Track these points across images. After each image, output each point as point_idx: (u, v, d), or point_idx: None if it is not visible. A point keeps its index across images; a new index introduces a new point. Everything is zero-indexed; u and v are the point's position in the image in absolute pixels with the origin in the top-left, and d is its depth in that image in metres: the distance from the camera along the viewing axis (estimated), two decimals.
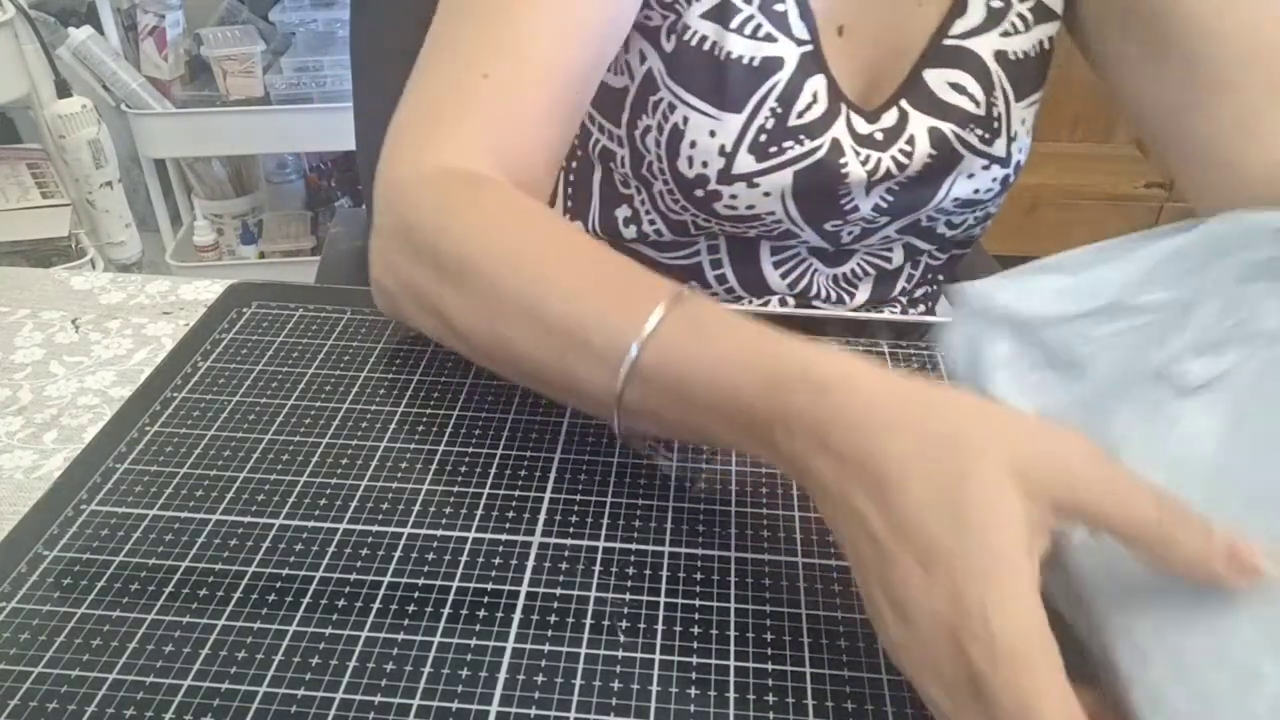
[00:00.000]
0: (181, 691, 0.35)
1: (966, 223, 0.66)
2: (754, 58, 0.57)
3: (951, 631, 0.30)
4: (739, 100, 0.58)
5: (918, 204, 0.62)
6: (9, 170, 1.64)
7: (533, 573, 0.40)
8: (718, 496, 0.44)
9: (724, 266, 0.66)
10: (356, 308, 0.57)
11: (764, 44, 0.57)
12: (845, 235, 0.64)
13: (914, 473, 0.32)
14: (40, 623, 0.38)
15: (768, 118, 0.58)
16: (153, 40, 1.70)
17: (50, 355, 0.54)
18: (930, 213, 0.63)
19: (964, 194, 0.63)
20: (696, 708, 0.35)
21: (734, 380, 0.37)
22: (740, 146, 0.58)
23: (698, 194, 0.60)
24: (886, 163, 0.60)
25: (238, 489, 0.44)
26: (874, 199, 0.62)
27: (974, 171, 0.62)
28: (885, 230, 0.64)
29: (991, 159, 0.62)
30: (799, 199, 0.60)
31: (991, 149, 0.61)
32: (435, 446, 0.47)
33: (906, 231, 0.65)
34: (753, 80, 0.58)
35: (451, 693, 0.35)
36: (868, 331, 0.57)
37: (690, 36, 0.58)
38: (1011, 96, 0.61)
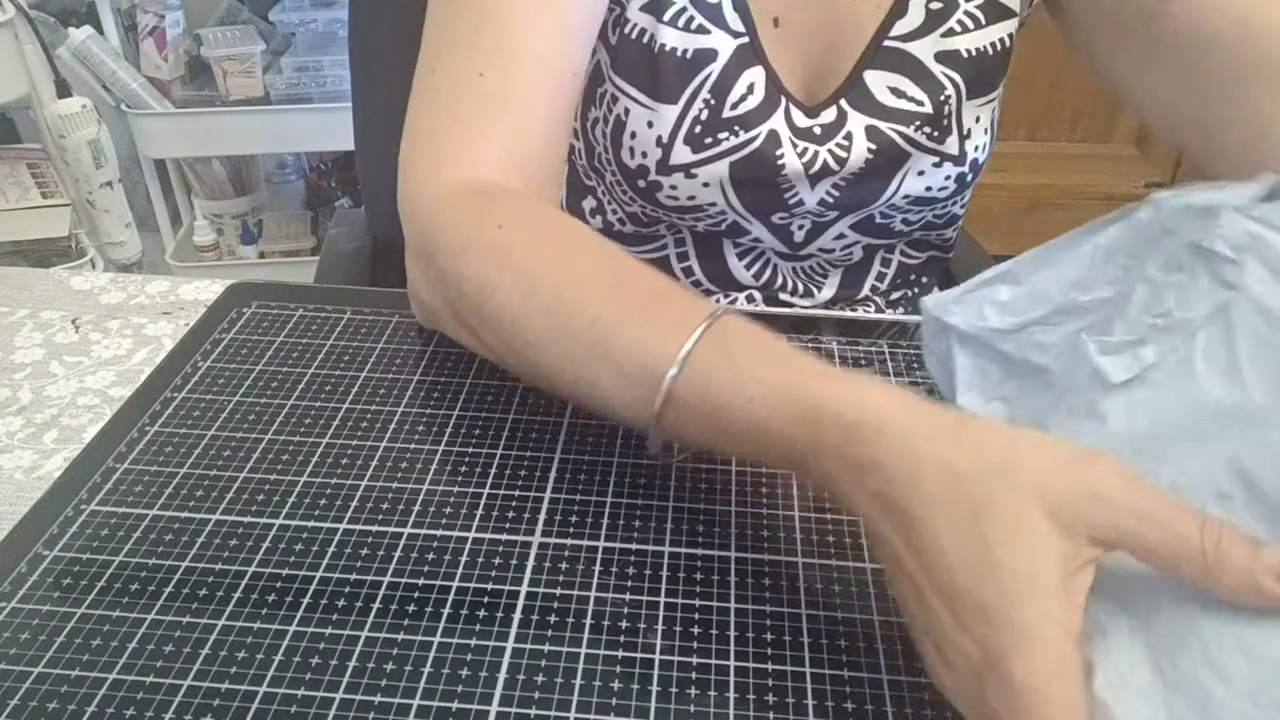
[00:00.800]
0: (181, 691, 0.35)
1: (925, 219, 0.66)
2: (686, 49, 0.58)
3: (978, 675, 0.30)
4: (673, 92, 0.59)
5: (866, 199, 0.62)
6: (9, 170, 1.64)
7: (533, 573, 0.40)
8: (718, 496, 0.44)
9: (690, 259, 0.67)
10: (356, 308, 0.57)
11: (696, 35, 0.58)
12: (797, 231, 0.64)
13: (940, 516, 0.31)
14: (40, 623, 0.38)
15: (701, 109, 0.59)
16: (153, 40, 1.70)
17: (50, 355, 0.54)
18: (882, 209, 0.63)
19: (915, 191, 0.62)
20: (696, 708, 0.35)
21: (768, 416, 0.37)
22: (676, 137, 0.59)
23: (640, 184, 0.61)
24: (824, 156, 0.60)
25: (238, 489, 0.44)
26: (819, 193, 0.62)
27: (924, 169, 0.62)
28: (837, 226, 0.64)
29: (943, 156, 0.61)
30: (739, 190, 0.61)
31: (942, 146, 0.61)
32: (435, 446, 0.47)
33: (860, 229, 0.65)
34: (686, 72, 0.58)
35: (451, 693, 0.35)
36: (869, 332, 0.57)
37: (630, 29, 0.59)
38: (964, 93, 0.61)
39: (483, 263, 0.46)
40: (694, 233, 0.65)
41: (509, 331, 0.45)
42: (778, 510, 0.43)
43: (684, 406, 0.39)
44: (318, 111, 1.67)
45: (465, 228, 0.48)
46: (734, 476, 0.45)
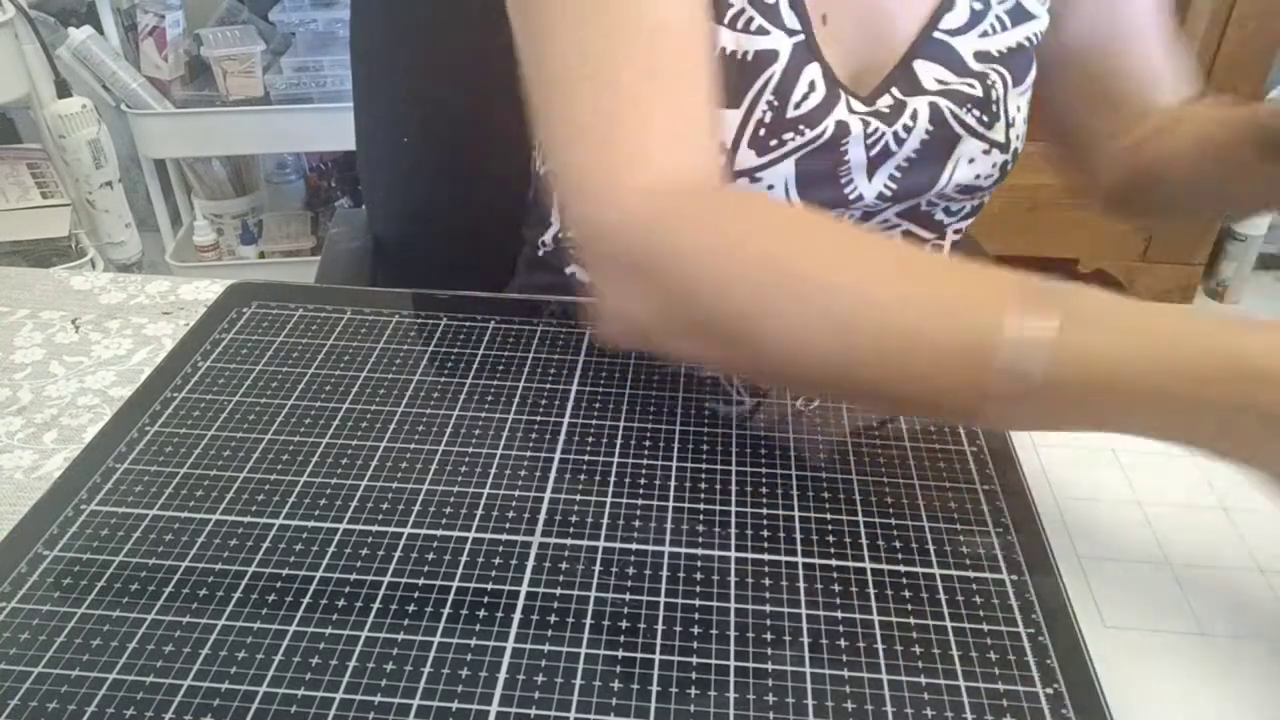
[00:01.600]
0: (181, 691, 0.35)
1: (964, 210, 0.67)
2: (747, 51, 0.57)
3: None
4: (734, 96, 0.58)
5: (921, 189, 0.63)
6: (9, 170, 1.64)
7: (533, 573, 0.40)
8: (718, 496, 0.44)
9: None
10: (356, 308, 0.57)
11: (756, 37, 0.57)
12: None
13: None
14: (40, 623, 0.38)
15: (765, 111, 0.58)
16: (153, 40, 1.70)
17: (50, 355, 0.54)
18: (931, 198, 0.64)
19: (966, 179, 0.63)
20: (696, 708, 0.35)
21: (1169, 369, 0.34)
22: (740, 142, 0.58)
23: None
24: (888, 137, 0.60)
25: (238, 489, 0.44)
26: (878, 185, 0.62)
27: (974, 156, 0.62)
28: (885, 214, 0.65)
29: (991, 143, 0.62)
30: (802, 189, 0.60)
31: (991, 133, 0.62)
32: (435, 446, 0.47)
33: (905, 217, 0.66)
34: (748, 74, 0.57)
35: (451, 693, 0.35)
36: None
37: None
38: (1010, 82, 0.62)
39: (732, 264, 0.41)
40: None
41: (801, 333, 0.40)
42: (778, 510, 0.43)
43: (1052, 383, 0.35)
44: (318, 111, 1.67)
45: (693, 231, 0.43)
46: (734, 477, 0.45)
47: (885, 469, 0.46)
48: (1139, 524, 0.44)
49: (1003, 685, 0.36)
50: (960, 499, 0.44)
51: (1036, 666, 0.37)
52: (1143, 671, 0.37)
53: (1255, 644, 0.38)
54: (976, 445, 0.47)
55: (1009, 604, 0.39)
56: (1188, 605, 0.40)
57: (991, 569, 0.41)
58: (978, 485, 0.45)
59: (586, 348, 0.54)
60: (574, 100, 0.47)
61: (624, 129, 0.46)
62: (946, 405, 0.39)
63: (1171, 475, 0.47)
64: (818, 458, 0.47)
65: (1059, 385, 0.35)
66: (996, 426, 0.38)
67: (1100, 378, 0.35)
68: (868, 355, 0.38)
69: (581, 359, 0.53)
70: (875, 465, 0.46)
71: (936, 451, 0.47)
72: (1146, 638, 0.38)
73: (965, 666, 0.37)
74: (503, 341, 0.54)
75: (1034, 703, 0.35)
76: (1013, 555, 0.41)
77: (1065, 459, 0.47)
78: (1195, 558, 0.42)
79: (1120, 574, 0.41)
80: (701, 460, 0.46)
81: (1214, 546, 0.43)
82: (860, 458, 0.47)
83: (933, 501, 0.44)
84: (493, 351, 0.54)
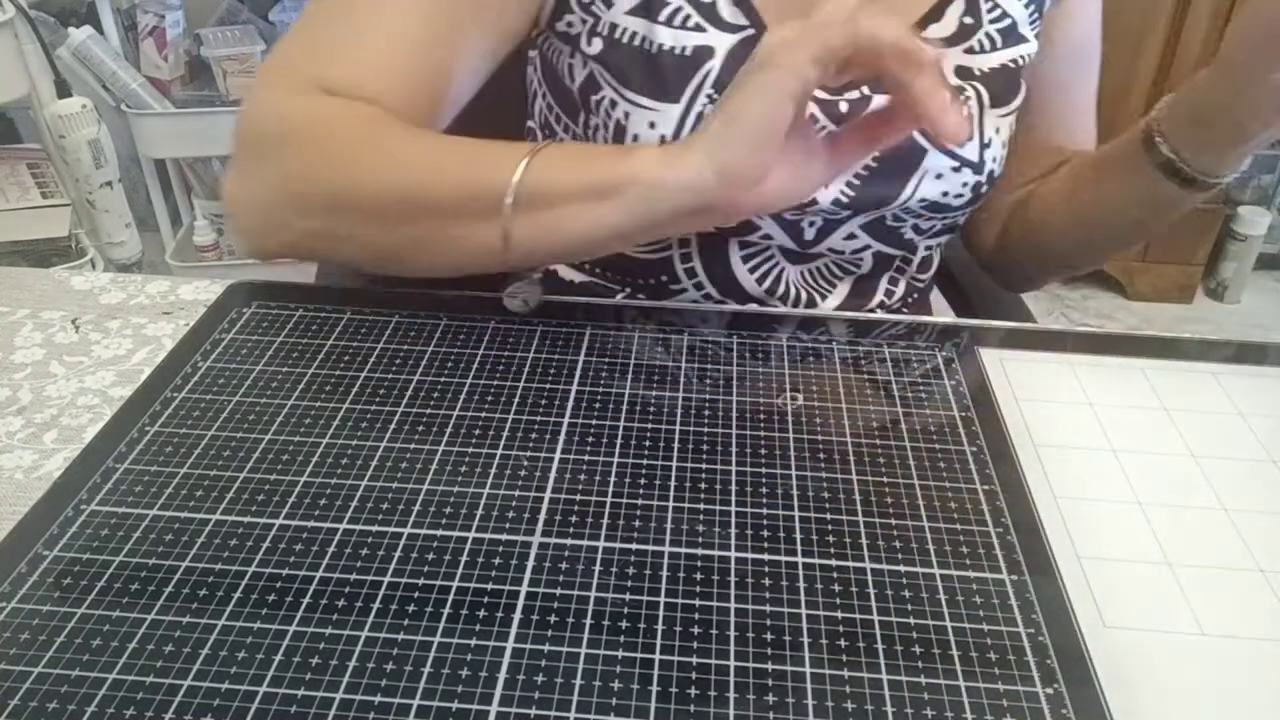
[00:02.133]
0: (181, 691, 0.35)
1: (935, 228, 0.66)
2: (684, 47, 0.59)
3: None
4: (674, 90, 0.59)
5: (883, 200, 0.62)
6: (9, 170, 1.64)
7: (533, 573, 0.40)
8: (718, 496, 0.44)
9: (694, 260, 0.67)
10: (356, 308, 0.57)
11: (693, 34, 0.59)
12: (808, 228, 0.64)
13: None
14: (40, 623, 0.38)
15: (705, 104, 0.59)
16: (153, 40, 1.70)
17: (50, 355, 0.54)
18: (896, 212, 0.63)
19: (932, 195, 0.62)
20: (696, 708, 0.35)
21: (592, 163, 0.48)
22: (680, 135, 0.59)
23: None
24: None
25: (238, 489, 0.44)
26: (834, 190, 0.62)
27: (942, 172, 0.62)
28: (849, 225, 0.64)
29: (962, 162, 0.62)
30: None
31: (962, 150, 0.61)
32: (435, 446, 0.47)
33: (871, 231, 0.65)
34: (686, 69, 0.59)
35: (451, 693, 0.35)
36: (872, 332, 0.57)
37: (620, 34, 0.59)
38: (986, 102, 0.62)
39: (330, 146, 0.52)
40: (699, 234, 0.65)
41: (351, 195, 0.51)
42: (778, 510, 0.43)
43: (532, 195, 0.48)
44: None
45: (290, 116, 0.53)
46: (734, 477, 0.45)
47: (885, 469, 0.46)
48: (1139, 524, 0.44)
49: (1003, 685, 0.36)
50: (960, 499, 0.44)
51: (1036, 666, 0.37)
52: (1143, 671, 0.37)
53: (1255, 644, 0.38)
54: (977, 445, 0.47)
55: (1009, 604, 0.39)
56: (1188, 605, 0.40)
57: (991, 569, 0.41)
58: (978, 485, 0.45)
59: (587, 348, 0.54)
60: (294, 31, 0.58)
61: (291, 44, 0.56)
62: (476, 237, 0.50)
63: (1171, 475, 0.47)
64: (818, 458, 0.47)
65: (532, 206, 0.48)
66: (517, 251, 0.49)
67: (553, 199, 0.48)
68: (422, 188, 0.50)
69: (581, 359, 0.53)
70: (875, 465, 0.46)
71: (936, 451, 0.47)
72: (1146, 638, 0.38)
73: (965, 666, 0.37)
74: (503, 341, 0.54)
75: (1034, 703, 0.35)
76: (1013, 555, 0.41)
77: (1065, 459, 0.47)
78: (1195, 558, 0.42)
79: (1120, 574, 0.41)
80: (701, 460, 0.46)
81: (1214, 546, 0.43)
82: (860, 458, 0.47)
83: (933, 501, 0.44)
84: (493, 351, 0.54)
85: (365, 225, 0.52)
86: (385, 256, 0.53)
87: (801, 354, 0.54)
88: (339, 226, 0.52)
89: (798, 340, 0.55)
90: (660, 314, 0.58)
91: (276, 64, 0.56)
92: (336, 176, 0.51)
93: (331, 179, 0.52)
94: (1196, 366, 0.54)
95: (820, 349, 0.55)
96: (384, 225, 0.51)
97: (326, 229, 0.53)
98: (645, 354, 0.54)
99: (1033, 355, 0.55)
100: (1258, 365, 0.55)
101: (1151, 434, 0.49)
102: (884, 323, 0.58)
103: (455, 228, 0.50)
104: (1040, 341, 0.56)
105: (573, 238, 0.49)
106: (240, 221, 0.55)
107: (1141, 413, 0.51)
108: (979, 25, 0.62)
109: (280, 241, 0.55)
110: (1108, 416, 0.50)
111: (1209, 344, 0.56)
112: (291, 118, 0.53)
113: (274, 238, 0.55)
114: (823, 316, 0.59)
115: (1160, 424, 0.50)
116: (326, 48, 0.55)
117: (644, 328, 0.56)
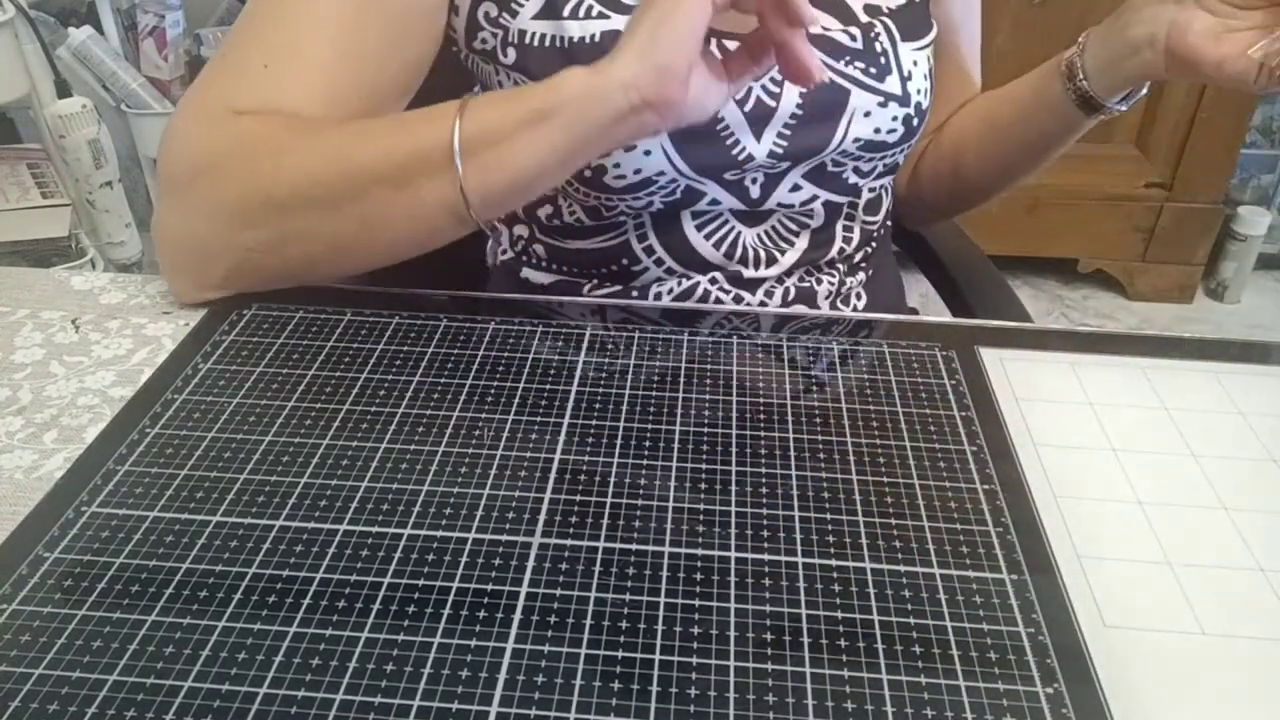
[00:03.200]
0: (182, 693, 0.35)
1: (876, 169, 0.68)
2: (593, 35, 0.60)
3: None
4: None
5: (817, 146, 0.64)
6: (9, 170, 1.64)
7: (533, 573, 0.40)
8: (718, 496, 0.44)
9: (650, 238, 0.67)
10: (356, 309, 0.57)
11: (598, 21, 0.60)
12: (751, 185, 0.65)
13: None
14: (41, 624, 0.38)
15: None
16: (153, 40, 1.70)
17: (50, 355, 0.54)
18: (835, 156, 0.65)
19: (864, 134, 0.64)
20: (696, 708, 0.35)
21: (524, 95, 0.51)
22: None
23: (586, 174, 0.62)
24: (757, 91, 0.62)
25: (238, 490, 0.44)
26: (767, 144, 0.63)
27: (870, 109, 0.63)
28: (790, 176, 0.65)
29: (886, 96, 0.64)
30: (683, 150, 0.61)
31: (883, 85, 0.63)
32: (435, 447, 0.47)
33: (814, 179, 0.66)
34: (598, 55, 0.59)
35: (451, 693, 0.35)
36: (872, 332, 0.57)
37: (530, 39, 0.61)
38: (897, 35, 0.64)
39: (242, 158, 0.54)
40: (654, 213, 0.66)
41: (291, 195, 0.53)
42: (778, 510, 0.43)
43: (475, 141, 0.50)
44: None
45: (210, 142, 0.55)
46: (734, 477, 0.45)
47: (885, 469, 0.46)
48: (1139, 524, 0.44)
49: (1003, 685, 0.36)
50: (960, 499, 0.44)
51: (1036, 666, 0.37)
52: (1143, 671, 0.37)
53: (1255, 644, 0.39)
54: (977, 445, 0.48)
55: (1009, 604, 0.39)
56: (1188, 605, 0.40)
57: (991, 569, 0.41)
58: (978, 485, 0.45)
59: (587, 348, 0.54)
60: (212, 66, 0.59)
61: (224, 93, 0.57)
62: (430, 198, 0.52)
63: (1171, 475, 0.47)
64: (818, 458, 0.47)
65: (478, 149, 0.50)
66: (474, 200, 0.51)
67: (497, 137, 0.50)
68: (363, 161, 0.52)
69: (581, 359, 0.53)
70: (875, 465, 0.46)
71: (936, 451, 0.47)
72: (1146, 638, 0.38)
73: (965, 666, 0.37)
74: (503, 342, 0.54)
75: (1034, 703, 0.35)
76: (1013, 555, 0.42)
77: (1065, 459, 0.47)
78: (1195, 558, 0.42)
79: (1120, 574, 0.41)
80: (701, 460, 0.46)
81: (1214, 546, 0.43)
82: (860, 458, 0.47)
83: (933, 501, 0.44)
84: (493, 352, 0.54)
85: (313, 214, 0.53)
86: (342, 246, 0.54)
87: (802, 353, 0.54)
88: (287, 224, 0.53)
89: (798, 339, 0.55)
90: (660, 314, 0.58)
91: (192, 97, 0.57)
92: (271, 180, 0.53)
93: (266, 184, 0.53)
94: (1196, 366, 0.54)
95: (820, 348, 0.55)
96: (332, 209, 0.52)
97: (275, 235, 0.54)
98: (645, 354, 0.54)
99: (1033, 355, 0.55)
100: (1258, 365, 0.55)
101: (1151, 434, 0.49)
102: (884, 323, 0.58)
103: (406, 194, 0.51)
104: (1040, 341, 0.56)
105: (524, 170, 0.51)
106: (176, 259, 0.57)
107: (1141, 413, 0.51)
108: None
109: (223, 270, 0.56)
110: (1108, 416, 0.50)
111: (1209, 344, 0.56)
112: (211, 144, 0.55)
113: (215, 267, 0.56)
114: (823, 316, 0.59)
115: (1160, 424, 0.50)
116: (239, 75, 0.57)
117: (643, 328, 0.56)
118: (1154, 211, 1.95)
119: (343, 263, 0.56)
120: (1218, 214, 1.97)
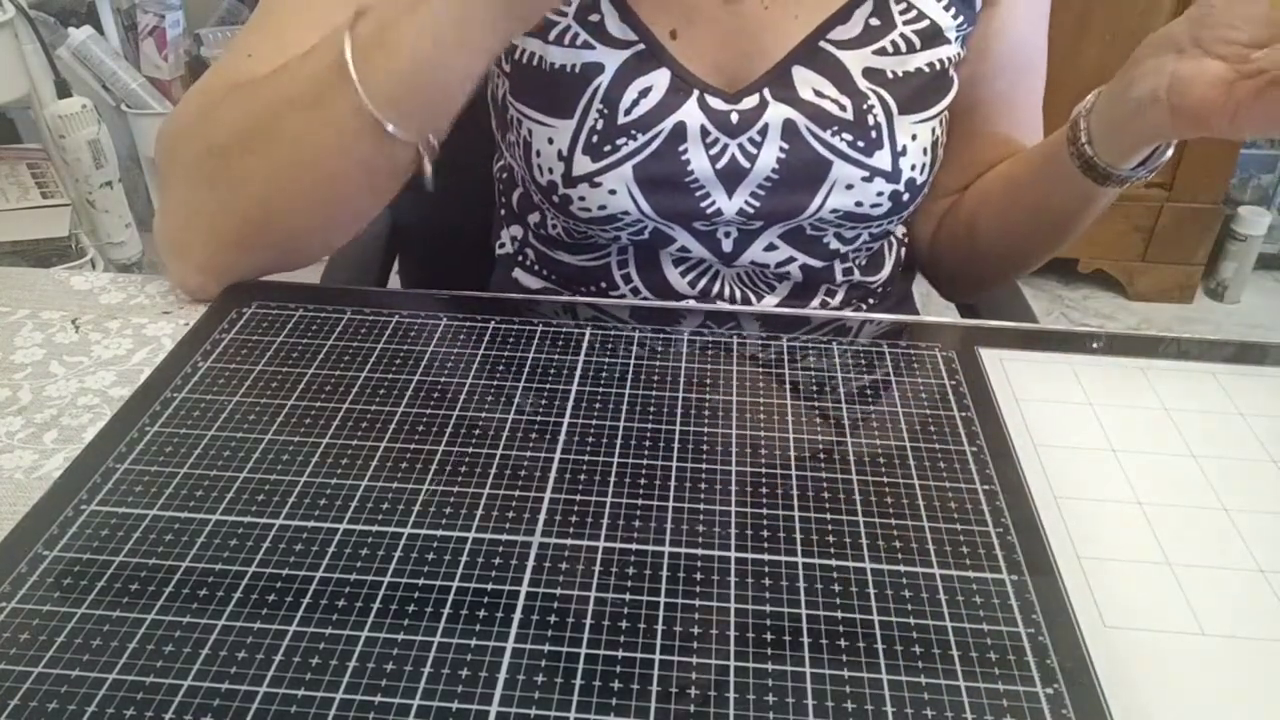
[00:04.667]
0: (181, 691, 0.35)
1: (861, 238, 0.65)
2: (575, 65, 0.60)
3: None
4: (567, 106, 0.60)
5: (792, 210, 0.62)
6: (9, 170, 1.64)
7: (533, 573, 0.40)
8: (718, 496, 0.44)
9: (629, 267, 0.67)
10: (356, 308, 0.57)
11: (582, 51, 0.60)
12: (724, 239, 0.64)
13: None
14: (40, 623, 0.38)
15: (596, 119, 0.60)
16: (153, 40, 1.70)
17: (50, 355, 0.54)
18: (812, 222, 0.63)
19: (844, 206, 0.62)
20: (696, 708, 0.35)
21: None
22: (575, 148, 0.61)
23: (554, 199, 0.62)
24: (733, 151, 0.60)
25: (238, 489, 0.44)
26: (738, 202, 0.62)
27: (852, 182, 0.61)
28: (766, 235, 0.64)
29: (873, 171, 0.61)
30: (648, 193, 0.61)
31: (870, 160, 0.61)
32: (435, 446, 0.47)
33: (791, 241, 0.65)
34: (577, 85, 0.60)
35: (451, 693, 0.35)
36: (873, 332, 0.57)
37: (522, 54, 0.61)
38: (894, 109, 0.61)
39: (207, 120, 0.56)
40: (633, 242, 0.66)
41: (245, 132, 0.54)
42: (778, 510, 0.43)
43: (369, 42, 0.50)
44: None
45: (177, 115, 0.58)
46: (734, 477, 0.45)
47: (885, 469, 0.46)
48: (1139, 524, 0.44)
49: (1003, 685, 0.36)
50: (960, 499, 0.44)
51: (1036, 666, 0.37)
52: (1143, 671, 0.37)
53: (1255, 644, 0.38)
54: (977, 445, 0.48)
55: (1009, 604, 0.39)
56: (1188, 605, 0.40)
57: (991, 569, 0.41)
58: (977, 485, 0.45)
59: (587, 348, 0.54)
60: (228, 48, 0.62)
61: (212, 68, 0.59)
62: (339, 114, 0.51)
63: (1171, 475, 0.47)
64: (818, 458, 0.47)
65: (369, 52, 0.50)
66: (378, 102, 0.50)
67: (381, 34, 0.50)
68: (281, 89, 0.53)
69: (581, 359, 0.53)
70: (875, 465, 0.46)
71: (936, 451, 0.47)
72: (1146, 638, 0.38)
73: (965, 666, 0.37)
74: (503, 341, 0.54)
75: (1034, 703, 0.35)
76: (1013, 555, 0.41)
77: (1065, 459, 0.47)
78: (1195, 558, 0.42)
79: (1120, 574, 0.41)
80: (701, 460, 0.46)
81: (1214, 546, 0.43)
82: (860, 458, 0.47)
83: (933, 501, 0.44)
84: (493, 351, 0.54)
85: (250, 156, 0.54)
86: (286, 186, 0.54)
87: (802, 354, 0.54)
88: (232, 169, 0.55)
89: (798, 340, 0.55)
90: (661, 314, 0.58)
91: (191, 90, 0.59)
92: (212, 128, 0.55)
93: (209, 133, 0.55)
94: (1196, 366, 0.54)
95: (821, 349, 0.55)
96: (264, 141, 0.53)
97: (226, 188, 0.55)
98: (645, 354, 0.54)
99: (1033, 355, 0.55)
100: (1258, 365, 0.55)
101: (1151, 434, 0.49)
102: (885, 323, 0.58)
103: (321, 113, 0.52)
104: (1040, 341, 0.56)
105: (413, 58, 0.50)
106: (165, 238, 0.58)
107: (1141, 413, 0.51)
108: (891, 27, 0.61)
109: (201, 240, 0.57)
110: (1108, 416, 0.50)
111: (1209, 344, 0.56)
112: (176, 122, 0.58)
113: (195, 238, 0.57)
114: (823, 316, 0.59)
115: (1160, 424, 0.50)
116: (227, 66, 0.58)
117: (644, 328, 0.56)
118: (1154, 211, 1.95)
119: (297, 211, 0.55)
120: (1218, 214, 1.97)
